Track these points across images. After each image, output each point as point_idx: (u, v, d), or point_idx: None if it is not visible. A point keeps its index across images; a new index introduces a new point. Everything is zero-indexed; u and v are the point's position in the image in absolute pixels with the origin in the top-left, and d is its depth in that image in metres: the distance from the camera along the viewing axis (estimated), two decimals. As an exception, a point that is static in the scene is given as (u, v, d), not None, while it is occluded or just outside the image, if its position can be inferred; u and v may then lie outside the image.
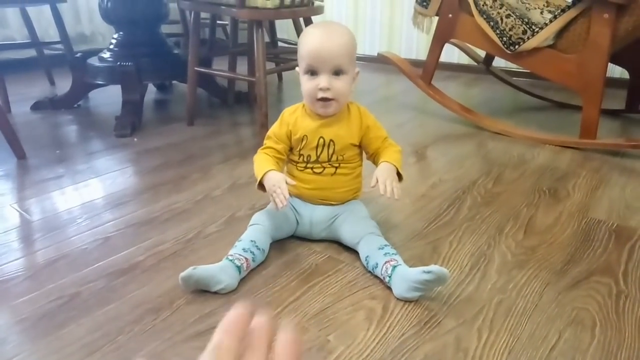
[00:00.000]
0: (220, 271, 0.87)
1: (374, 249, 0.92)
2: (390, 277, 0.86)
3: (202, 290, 0.87)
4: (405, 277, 0.84)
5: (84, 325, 0.79)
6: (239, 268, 0.89)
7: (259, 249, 0.94)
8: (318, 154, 1.00)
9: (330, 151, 1.00)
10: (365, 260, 0.93)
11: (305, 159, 1.02)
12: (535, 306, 0.84)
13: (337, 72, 0.94)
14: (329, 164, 1.01)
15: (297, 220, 1.03)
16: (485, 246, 1.03)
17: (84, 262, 0.98)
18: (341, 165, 1.02)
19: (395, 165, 0.97)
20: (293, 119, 1.01)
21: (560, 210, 1.19)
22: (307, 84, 0.95)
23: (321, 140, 0.99)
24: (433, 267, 0.81)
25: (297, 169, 1.03)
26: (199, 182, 1.37)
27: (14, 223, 1.15)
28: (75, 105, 2.12)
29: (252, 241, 0.94)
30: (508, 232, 1.09)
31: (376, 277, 0.91)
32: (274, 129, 1.03)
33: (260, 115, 1.61)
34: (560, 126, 1.83)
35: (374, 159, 1.04)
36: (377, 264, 0.90)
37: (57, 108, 2.08)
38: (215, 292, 0.86)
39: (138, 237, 1.07)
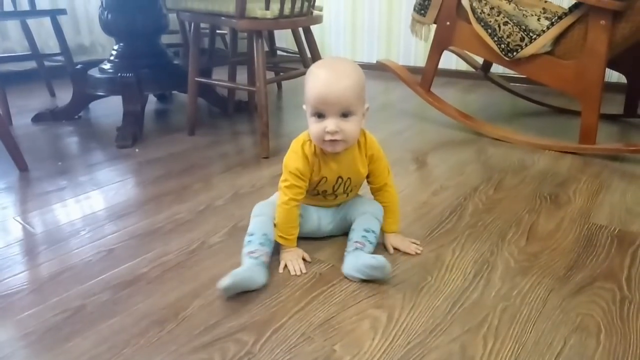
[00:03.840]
0: (253, 272, 0.92)
1: (359, 227, 1.02)
2: (348, 253, 0.97)
3: (206, 302, 0.88)
4: (358, 258, 0.93)
5: (90, 339, 0.79)
6: (265, 264, 0.95)
7: (270, 241, 1.00)
8: (335, 189, 1.04)
9: (347, 185, 1.04)
10: (350, 231, 1.03)
11: (320, 193, 1.05)
12: (540, 313, 0.84)
13: (346, 114, 0.92)
14: (344, 193, 1.06)
15: (302, 216, 1.05)
16: (488, 253, 1.03)
17: (88, 274, 0.98)
18: (352, 190, 1.08)
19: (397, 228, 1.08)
20: (315, 161, 0.99)
21: (561, 216, 1.19)
22: (314, 127, 0.93)
23: (339, 180, 1.02)
24: (379, 257, 0.90)
25: (309, 194, 1.05)
26: (201, 192, 1.38)
27: (17, 236, 1.15)
28: (76, 117, 2.13)
29: (264, 234, 1.00)
30: (510, 238, 1.09)
31: (380, 286, 0.92)
32: (299, 165, 0.97)
33: (261, 124, 1.62)
34: (559, 131, 1.83)
35: (372, 188, 1.09)
36: (351, 238, 1.01)
37: (58, 119, 2.08)
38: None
39: (141, 249, 1.07)
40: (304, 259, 1.00)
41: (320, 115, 0.92)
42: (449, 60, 2.70)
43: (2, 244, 1.11)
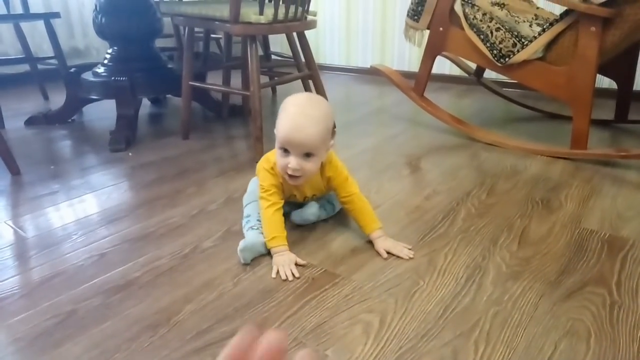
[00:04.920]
0: (259, 237, 1.04)
1: (324, 199, 1.21)
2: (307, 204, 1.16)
3: (198, 307, 0.87)
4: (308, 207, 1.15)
5: (81, 344, 0.79)
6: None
7: None
8: (304, 201, 1.18)
9: (313, 198, 1.19)
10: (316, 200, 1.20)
11: (291, 202, 1.19)
12: (531, 318, 0.84)
13: (308, 154, 1.02)
14: (310, 201, 1.20)
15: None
16: (480, 258, 1.04)
17: (80, 279, 0.98)
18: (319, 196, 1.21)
19: (380, 228, 1.10)
20: (284, 182, 1.10)
21: (553, 221, 1.20)
22: (280, 159, 1.04)
23: (306, 199, 1.17)
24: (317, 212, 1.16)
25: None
26: (194, 196, 1.38)
27: (8, 240, 1.15)
28: (70, 120, 2.12)
29: (259, 213, 1.10)
30: (502, 243, 1.10)
31: (373, 290, 0.92)
32: (274, 182, 1.09)
33: (254, 128, 1.62)
34: (551, 137, 1.85)
35: (340, 200, 1.15)
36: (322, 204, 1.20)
37: (51, 123, 2.07)
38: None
39: (134, 253, 1.07)
40: (296, 264, 1.01)
41: (286, 150, 1.02)
42: (443, 66, 2.72)
43: (-7, 248, 1.11)
